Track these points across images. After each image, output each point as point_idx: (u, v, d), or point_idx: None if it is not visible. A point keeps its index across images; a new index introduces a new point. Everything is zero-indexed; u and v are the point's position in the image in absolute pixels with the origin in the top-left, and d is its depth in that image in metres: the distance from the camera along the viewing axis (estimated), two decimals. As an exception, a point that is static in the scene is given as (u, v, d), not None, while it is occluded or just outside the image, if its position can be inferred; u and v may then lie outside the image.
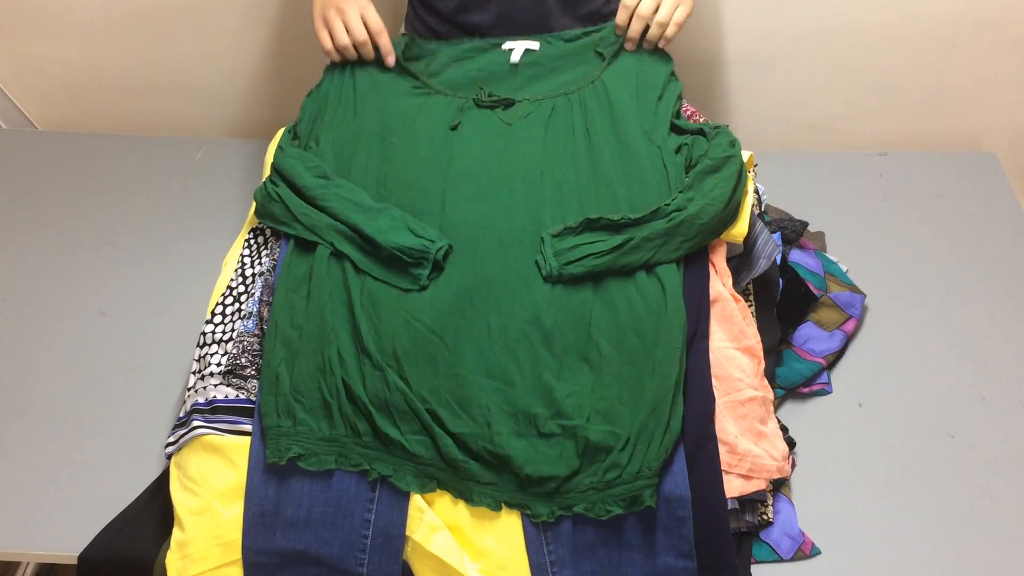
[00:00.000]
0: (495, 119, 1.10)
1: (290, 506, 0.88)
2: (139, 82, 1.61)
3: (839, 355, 1.16)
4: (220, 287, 1.07)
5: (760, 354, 0.99)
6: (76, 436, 1.10)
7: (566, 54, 1.16)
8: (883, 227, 1.35)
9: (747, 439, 0.94)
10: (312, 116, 1.14)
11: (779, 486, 1.00)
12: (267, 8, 1.49)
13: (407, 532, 0.88)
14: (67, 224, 1.39)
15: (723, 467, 0.91)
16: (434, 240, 0.98)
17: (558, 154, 1.07)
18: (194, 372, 1.01)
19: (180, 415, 0.98)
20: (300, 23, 1.51)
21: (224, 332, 1.02)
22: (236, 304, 1.04)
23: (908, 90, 1.51)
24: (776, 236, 1.12)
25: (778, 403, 1.10)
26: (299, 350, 0.94)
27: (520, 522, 0.89)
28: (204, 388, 0.97)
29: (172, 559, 0.91)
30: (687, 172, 1.03)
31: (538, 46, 1.17)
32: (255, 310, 1.02)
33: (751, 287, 1.09)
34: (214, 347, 1.00)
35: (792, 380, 1.11)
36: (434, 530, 0.88)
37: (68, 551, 0.98)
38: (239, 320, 1.02)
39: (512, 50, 1.16)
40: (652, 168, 1.04)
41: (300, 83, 1.58)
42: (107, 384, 1.16)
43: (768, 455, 0.94)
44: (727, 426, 0.93)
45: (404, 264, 0.97)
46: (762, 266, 1.05)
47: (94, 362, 1.19)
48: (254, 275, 1.06)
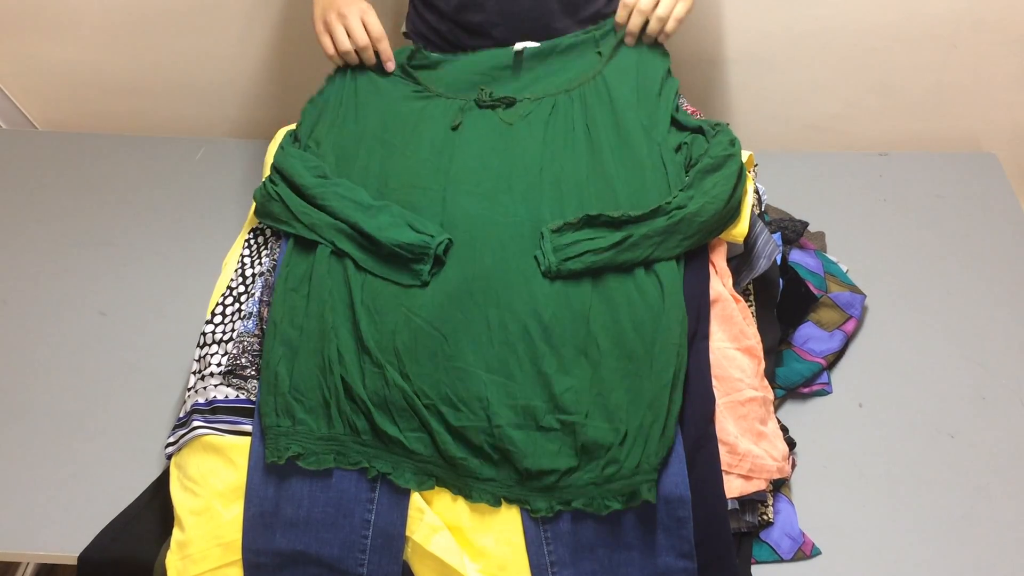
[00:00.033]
0: (496, 119, 1.11)
1: (290, 506, 0.88)
2: (139, 82, 1.61)
3: (839, 355, 1.16)
4: (220, 287, 1.07)
5: (760, 354, 0.99)
6: (76, 436, 1.10)
7: (566, 53, 1.16)
8: (883, 227, 1.35)
9: (747, 439, 0.94)
10: (313, 120, 1.14)
11: (779, 486, 1.00)
12: (267, 9, 1.49)
13: (407, 532, 0.88)
14: (67, 224, 1.39)
15: (723, 467, 0.91)
16: (434, 235, 0.98)
17: (558, 150, 1.07)
18: (194, 372, 1.01)
19: (180, 415, 0.98)
20: (300, 24, 1.51)
21: (224, 332, 1.02)
22: (236, 304, 1.04)
23: (908, 90, 1.51)
24: (776, 236, 1.12)
25: (778, 403, 1.10)
26: (299, 349, 0.94)
27: (520, 522, 0.89)
28: (204, 388, 0.97)
29: (172, 559, 0.91)
30: (687, 171, 1.03)
31: (539, 45, 1.17)
32: (255, 310, 1.02)
33: (751, 287, 1.09)
34: (214, 347, 1.00)
35: (792, 380, 1.11)
36: (434, 530, 0.88)
37: (68, 551, 0.98)
38: (239, 320, 1.02)
39: (514, 55, 1.16)
40: (652, 165, 1.04)
41: (300, 84, 1.58)
42: (107, 384, 1.16)
43: (768, 455, 0.94)
44: (727, 426, 0.93)
45: (405, 260, 0.98)
46: (762, 266, 1.05)
47: (94, 362, 1.19)
48: (254, 275, 1.06)
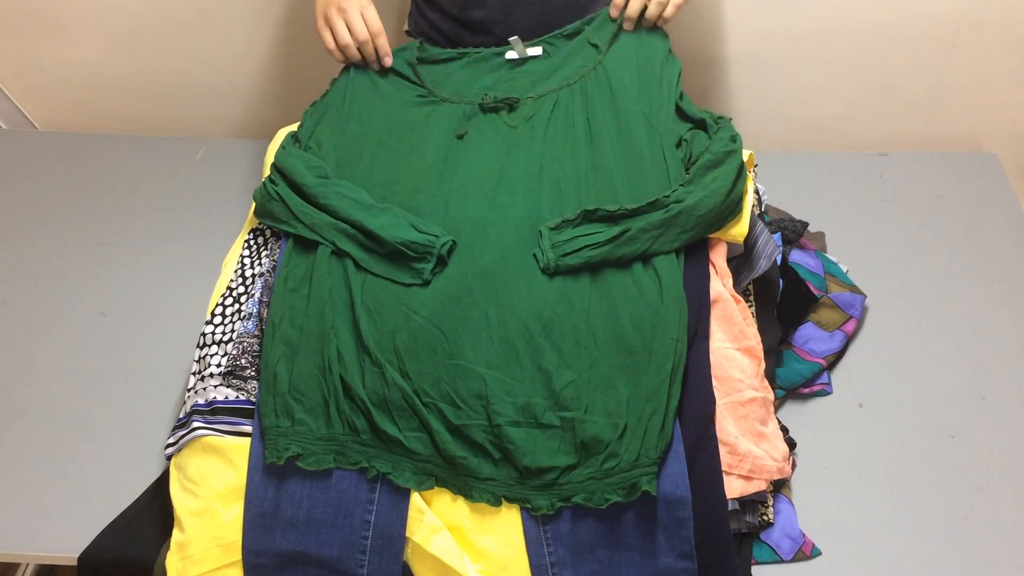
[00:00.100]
0: (500, 123, 1.10)
1: (290, 507, 0.88)
2: (139, 82, 1.61)
3: (839, 355, 1.16)
4: (220, 288, 1.07)
5: (760, 355, 0.99)
6: (76, 436, 1.10)
7: (566, 53, 1.16)
8: (883, 227, 1.35)
9: (747, 440, 0.94)
10: (315, 122, 1.14)
11: (779, 487, 1.00)
12: (267, 9, 1.49)
13: (407, 533, 0.88)
14: (67, 224, 1.39)
15: (723, 468, 0.91)
16: (438, 235, 0.98)
17: (558, 148, 1.07)
18: (194, 373, 1.01)
19: (180, 416, 0.98)
20: (300, 24, 1.51)
21: (224, 333, 1.02)
22: (236, 305, 1.04)
23: (908, 90, 1.51)
24: (776, 236, 1.12)
25: (778, 404, 1.10)
26: (299, 349, 0.94)
27: (520, 522, 0.89)
28: (204, 389, 0.97)
29: (172, 560, 0.91)
30: (687, 169, 1.03)
31: (540, 51, 1.17)
32: (255, 311, 1.02)
33: (751, 287, 1.09)
34: (214, 348, 1.00)
35: (792, 381, 1.11)
36: (434, 531, 0.88)
37: (68, 552, 0.98)
38: (239, 321, 1.02)
39: (515, 59, 1.16)
40: (652, 157, 1.04)
41: (300, 84, 1.59)
42: (107, 384, 1.16)
43: (768, 456, 0.94)
44: (727, 427, 0.93)
45: (407, 259, 0.98)
46: (762, 266, 1.05)
47: (94, 362, 1.19)
48: (254, 276, 1.06)
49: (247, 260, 1.09)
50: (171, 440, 0.97)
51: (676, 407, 0.89)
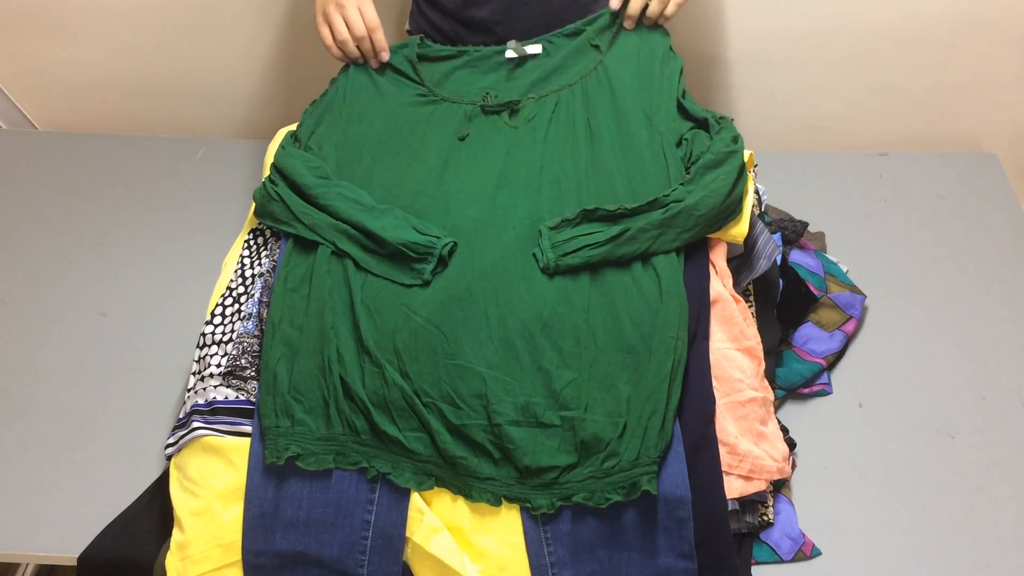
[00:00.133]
0: (501, 124, 1.10)
1: (290, 507, 0.88)
2: (139, 82, 1.61)
3: (839, 356, 1.16)
4: (220, 288, 1.07)
5: (760, 355, 0.99)
6: (76, 436, 1.10)
7: (567, 53, 1.15)
8: (883, 227, 1.35)
9: (747, 440, 0.94)
10: (314, 122, 1.14)
11: (779, 487, 1.00)
12: (267, 8, 1.49)
13: (407, 533, 0.88)
14: (67, 224, 1.39)
15: (723, 468, 0.91)
16: (439, 236, 0.98)
17: (558, 148, 1.07)
18: (194, 373, 1.01)
19: (180, 416, 0.98)
20: (300, 23, 1.51)
21: (224, 333, 1.02)
22: (236, 305, 1.04)
23: (908, 90, 1.51)
24: (776, 236, 1.12)
25: (778, 404, 1.10)
26: (299, 349, 0.94)
27: (520, 522, 0.89)
28: (204, 389, 0.97)
29: (172, 560, 0.91)
30: (687, 169, 1.03)
31: (540, 49, 1.16)
32: (255, 311, 1.02)
33: (751, 287, 1.09)
34: (214, 348, 1.00)
35: (792, 381, 1.11)
36: (434, 531, 0.88)
37: (68, 552, 0.98)
38: (239, 321, 1.02)
39: (515, 58, 1.16)
40: (652, 155, 1.04)
41: (300, 84, 1.59)
42: (107, 384, 1.16)
43: (768, 456, 0.94)
44: (727, 427, 0.93)
45: (408, 259, 0.98)
46: (762, 267, 1.05)
47: (94, 362, 1.19)
48: (254, 276, 1.06)
49: (247, 260, 1.09)
50: (171, 440, 0.97)
51: (676, 406, 0.89)
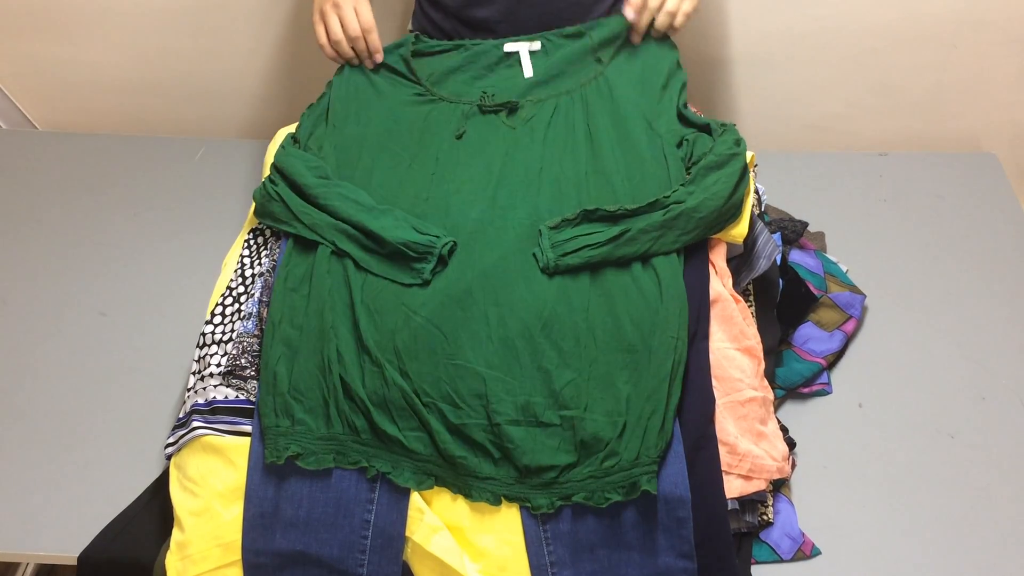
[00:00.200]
0: (499, 124, 1.10)
1: (290, 507, 0.88)
2: (139, 82, 1.61)
3: (839, 355, 1.16)
4: (220, 288, 1.07)
5: (760, 354, 0.99)
6: (76, 436, 1.10)
7: (568, 59, 1.15)
8: (883, 227, 1.35)
9: (747, 439, 0.94)
10: (313, 123, 1.14)
11: (779, 486, 1.00)
12: (268, 9, 1.49)
13: (407, 533, 0.88)
14: (67, 224, 1.39)
15: (723, 468, 0.91)
16: (439, 236, 0.98)
17: (558, 149, 1.07)
18: (194, 373, 1.01)
19: (180, 416, 0.98)
20: (300, 24, 1.51)
21: (224, 333, 1.02)
22: (236, 305, 1.04)
23: (908, 90, 1.51)
24: (776, 236, 1.12)
25: (778, 403, 1.10)
26: (299, 349, 0.94)
27: (520, 522, 0.89)
28: (204, 389, 0.97)
29: (172, 560, 0.91)
30: (687, 169, 1.03)
31: (539, 46, 1.16)
32: (255, 311, 1.02)
33: (751, 287, 1.09)
34: (214, 348, 1.00)
35: (792, 380, 1.11)
36: (434, 531, 0.88)
37: (68, 552, 0.98)
38: (239, 321, 1.02)
39: (515, 52, 1.16)
40: (652, 158, 1.04)
41: (300, 84, 1.59)
42: (107, 384, 1.16)
43: (768, 455, 0.94)
44: (727, 427, 0.93)
45: (407, 259, 0.98)
46: (762, 266, 1.05)
47: (94, 362, 1.19)
48: (254, 275, 1.06)
49: (247, 260, 1.09)
50: (171, 440, 0.97)
51: (676, 406, 0.90)
